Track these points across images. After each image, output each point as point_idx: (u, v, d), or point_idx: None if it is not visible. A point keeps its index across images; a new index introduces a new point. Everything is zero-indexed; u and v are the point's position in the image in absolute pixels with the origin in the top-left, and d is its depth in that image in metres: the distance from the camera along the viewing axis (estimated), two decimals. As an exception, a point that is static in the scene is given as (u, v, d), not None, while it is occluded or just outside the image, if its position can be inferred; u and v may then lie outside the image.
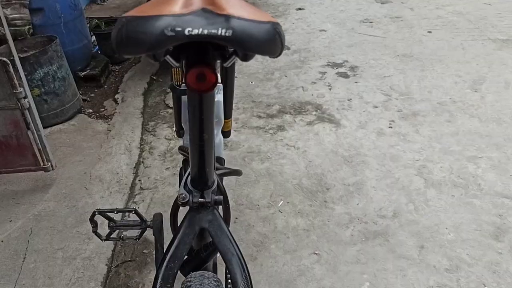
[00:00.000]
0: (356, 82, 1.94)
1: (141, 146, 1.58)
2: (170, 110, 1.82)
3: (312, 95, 1.86)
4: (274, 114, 1.73)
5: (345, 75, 2.00)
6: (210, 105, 0.40)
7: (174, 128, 1.17)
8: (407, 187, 1.33)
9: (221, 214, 0.54)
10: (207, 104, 0.40)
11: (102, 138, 1.60)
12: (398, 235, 1.17)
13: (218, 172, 0.63)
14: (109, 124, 1.71)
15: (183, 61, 0.34)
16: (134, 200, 1.34)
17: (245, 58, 0.33)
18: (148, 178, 1.42)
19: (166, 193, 1.36)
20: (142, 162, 1.50)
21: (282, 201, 1.30)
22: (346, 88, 1.91)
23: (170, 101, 1.91)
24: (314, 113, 1.74)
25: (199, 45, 0.32)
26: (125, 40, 0.29)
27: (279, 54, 0.33)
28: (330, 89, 1.89)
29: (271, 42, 0.31)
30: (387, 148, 1.52)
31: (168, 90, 1.97)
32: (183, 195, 0.51)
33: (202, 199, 0.50)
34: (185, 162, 0.79)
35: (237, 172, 0.77)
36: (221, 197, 0.51)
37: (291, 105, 1.79)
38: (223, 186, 0.59)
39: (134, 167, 1.47)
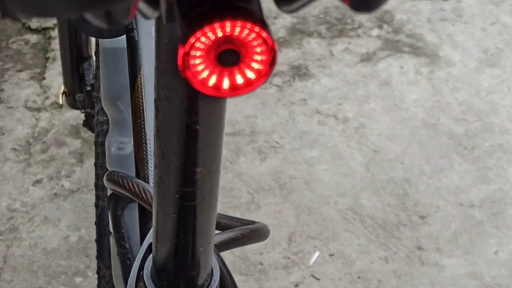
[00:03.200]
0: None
1: (-31, 129, 1.57)
2: (35, 37, 1.73)
3: (367, -12, 1.79)
4: (283, 39, 1.68)
5: None
6: (221, 108, 0.40)
7: (62, 88, 1.15)
8: None
9: None
10: (217, 105, 0.40)
11: None
12: None
13: (218, 238, 0.65)
14: None
15: (172, 11, 0.31)
16: (-36, 264, 1.33)
17: (364, 3, 0.30)
18: (-6, 207, 1.40)
19: (39, 244, 1.30)
20: (-25, 168, 1.49)
21: (318, 252, 1.26)
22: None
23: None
24: (375, 32, 1.69)
25: None
26: None
27: None
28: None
29: None
30: (552, 114, 1.55)
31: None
32: None
33: None
34: (116, 198, 0.78)
35: (258, 234, 0.75)
36: None
37: (321, 13, 1.74)
38: (229, 275, 0.58)
39: (-43, 181, 1.46)
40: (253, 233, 0.71)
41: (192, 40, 0.29)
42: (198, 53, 0.30)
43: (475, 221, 1.29)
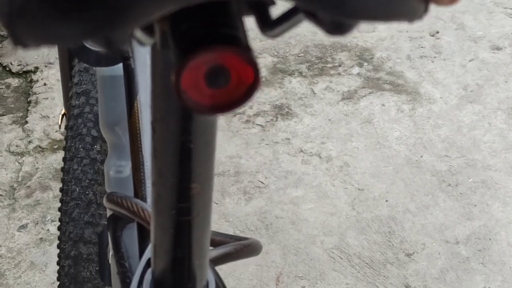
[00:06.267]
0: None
1: None
2: (16, 81, 1.75)
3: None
4: (264, 79, 1.73)
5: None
6: (213, 127, 0.45)
7: (62, 111, 1.16)
8: None
9: None
10: (208, 125, 0.44)
11: None
12: None
13: (213, 253, 0.70)
14: None
15: (166, 38, 0.34)
16: None
17: (337, 28, 0.33)
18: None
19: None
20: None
21: (306, 292, 1.28)
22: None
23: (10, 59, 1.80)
24: (355, 70, 1.74)
25: None
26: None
27: (421, 16, 0.33)
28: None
29: None
30: (534, 148, 1.57)
31: None
32: None
33: None
34: (115, 219, 0.83)
35: (251, 249, 0.77)
36: None
37: (301, 52, 1.78)
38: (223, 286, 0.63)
39: None
40: (246, 248, 0.75)
41: (184, 65, 0.32)
42: (190, 77, 0.33)
43: (462, 258, 1.31)
